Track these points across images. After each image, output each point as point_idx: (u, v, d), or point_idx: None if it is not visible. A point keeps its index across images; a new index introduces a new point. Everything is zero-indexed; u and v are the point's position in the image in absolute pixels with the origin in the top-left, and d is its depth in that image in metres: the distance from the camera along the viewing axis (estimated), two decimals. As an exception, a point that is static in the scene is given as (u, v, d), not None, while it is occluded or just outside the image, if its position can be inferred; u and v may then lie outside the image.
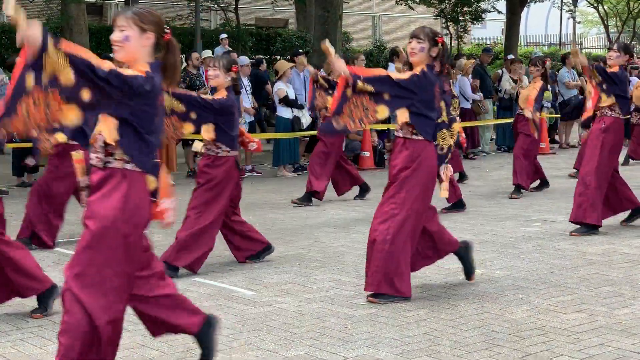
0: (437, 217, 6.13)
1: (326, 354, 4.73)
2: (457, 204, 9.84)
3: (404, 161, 5.75)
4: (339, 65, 5.48)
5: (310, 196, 10.43)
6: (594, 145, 8.15)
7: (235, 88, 6.79)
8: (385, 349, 4.79)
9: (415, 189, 5.71)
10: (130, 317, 5.46)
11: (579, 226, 8.14)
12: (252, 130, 14.24)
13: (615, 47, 8.53)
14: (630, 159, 14.61)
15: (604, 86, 8.15)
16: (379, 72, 5.66)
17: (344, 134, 13.81)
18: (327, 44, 5.73)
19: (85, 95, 3.56)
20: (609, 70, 8.25)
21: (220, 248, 7.80)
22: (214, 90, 6.84)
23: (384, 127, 14.92)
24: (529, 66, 11.18)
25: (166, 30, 4.00)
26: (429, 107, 5.71)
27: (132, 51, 3.93)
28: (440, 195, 6.21)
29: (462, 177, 12.36)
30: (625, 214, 8.66)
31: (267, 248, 7.16)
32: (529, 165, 10.97)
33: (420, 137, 5.74)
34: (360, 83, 5.46)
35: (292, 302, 5.83)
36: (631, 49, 8.78)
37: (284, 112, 14.02)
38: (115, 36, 3.96)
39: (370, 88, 5.50)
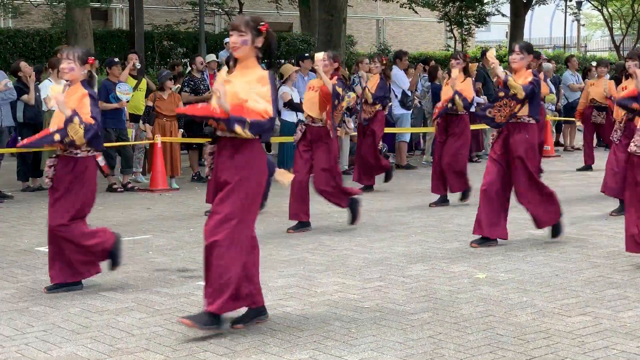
0: None
1: (330, 357, 4.73)
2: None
3: None
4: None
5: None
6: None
7: (90, 81, 6.43)
8: (389, 353, 4.79)
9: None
10: (134, 322, 5.48)
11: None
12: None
13: (517, 48, 7.90)
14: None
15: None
16: None
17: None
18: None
19: None
20: (514, 74, 7.83)
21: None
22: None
23: (387, 130, 14.89)
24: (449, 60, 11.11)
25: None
26: None
27: None
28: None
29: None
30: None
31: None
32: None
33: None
34: None
35: (296, 306, 5.83)
36: (533, 49, 8.22)
37: (289, 116, 14.02)
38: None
39: None
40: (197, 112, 5.44)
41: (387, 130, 13.36)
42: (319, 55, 8.96)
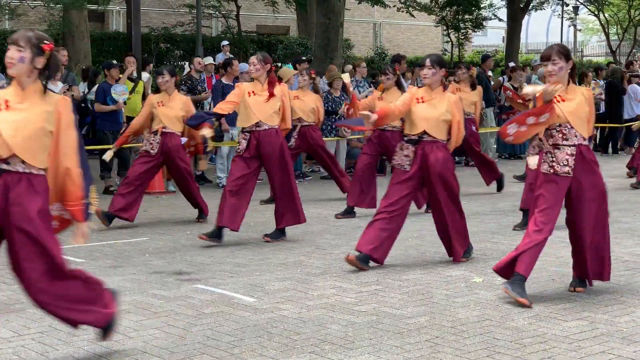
0: None
1: (327, 361, 4.74)
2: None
3: None
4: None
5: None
6: None
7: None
8: (386, 356, 4.79)
9: None
10: (131, 324, 5.48)
11: None
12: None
13: (427, 62, 7.13)
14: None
15: None
16: None
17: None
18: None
19: None
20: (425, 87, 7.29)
21: (221, 255, 7.81)
22: None
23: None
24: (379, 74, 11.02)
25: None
26: None
27: None
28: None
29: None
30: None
31: None
32: None
33: None
34: None
35: (293, 309, 5.83)
36: (445, 62, 7.60)
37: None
38: None
39: None
40: None
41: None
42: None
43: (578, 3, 36.03)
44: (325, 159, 11.68)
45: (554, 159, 6.04)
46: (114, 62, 13.42)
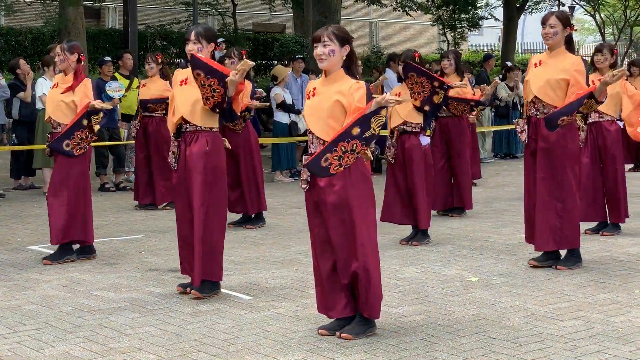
0: None
1: (323, 359, 4.73)
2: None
3: None
4: None
5: None
6: None
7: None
8: (382, 355, 4.79)
9: None
10: (127, 322, 5.47)
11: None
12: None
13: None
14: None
15: None
16: None
17: None
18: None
19: None
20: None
21: (217, 252, 7.80)
22: None
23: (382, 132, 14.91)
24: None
25: None
26: None
27: None
28: None
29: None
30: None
31: None
32: None
33: None
34: None
35: (289, 307, 5.83)
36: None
37: (282, 117, 14.03)
38: None
39: None
40: None
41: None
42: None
43: (574, 3, 36.06)
44: None
45: None
46: (107, 58, 13.37)
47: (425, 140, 8.00)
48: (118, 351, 4.88)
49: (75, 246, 7.52)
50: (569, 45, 6.82)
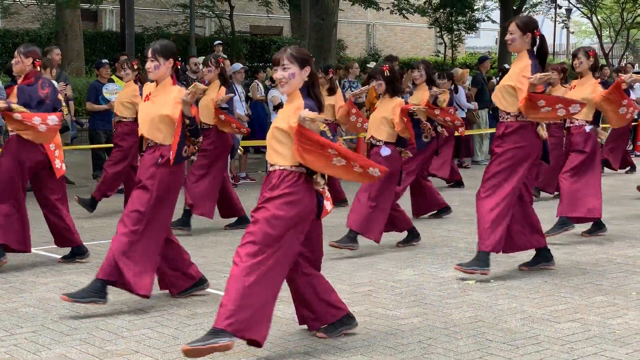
0: None
1: (320, 361, 4.74)
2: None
3: None
4: None
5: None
6: None
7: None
8: (378, 357, 4.79)
9: None
10: (123, 324, 5.47)
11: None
12: (245, 137, 14.21)
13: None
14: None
15: None
16: None
17: None
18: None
19: None
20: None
21: (214, 255, 7.80)
22: None
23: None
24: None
25: None
26: None
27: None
28: None
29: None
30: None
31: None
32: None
33: None
34: None
35: (287, 310, 5.82)
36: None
37: (278, 119, 14.02)
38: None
39: None
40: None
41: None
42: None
43: (571, 5, 36.10)
44: None
45: None
46: (104, 60, 13.35)
47: (385, 151, 8.07)
48: (115, 354, 4.88)
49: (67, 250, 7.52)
50: (541, 49, 6.65)
